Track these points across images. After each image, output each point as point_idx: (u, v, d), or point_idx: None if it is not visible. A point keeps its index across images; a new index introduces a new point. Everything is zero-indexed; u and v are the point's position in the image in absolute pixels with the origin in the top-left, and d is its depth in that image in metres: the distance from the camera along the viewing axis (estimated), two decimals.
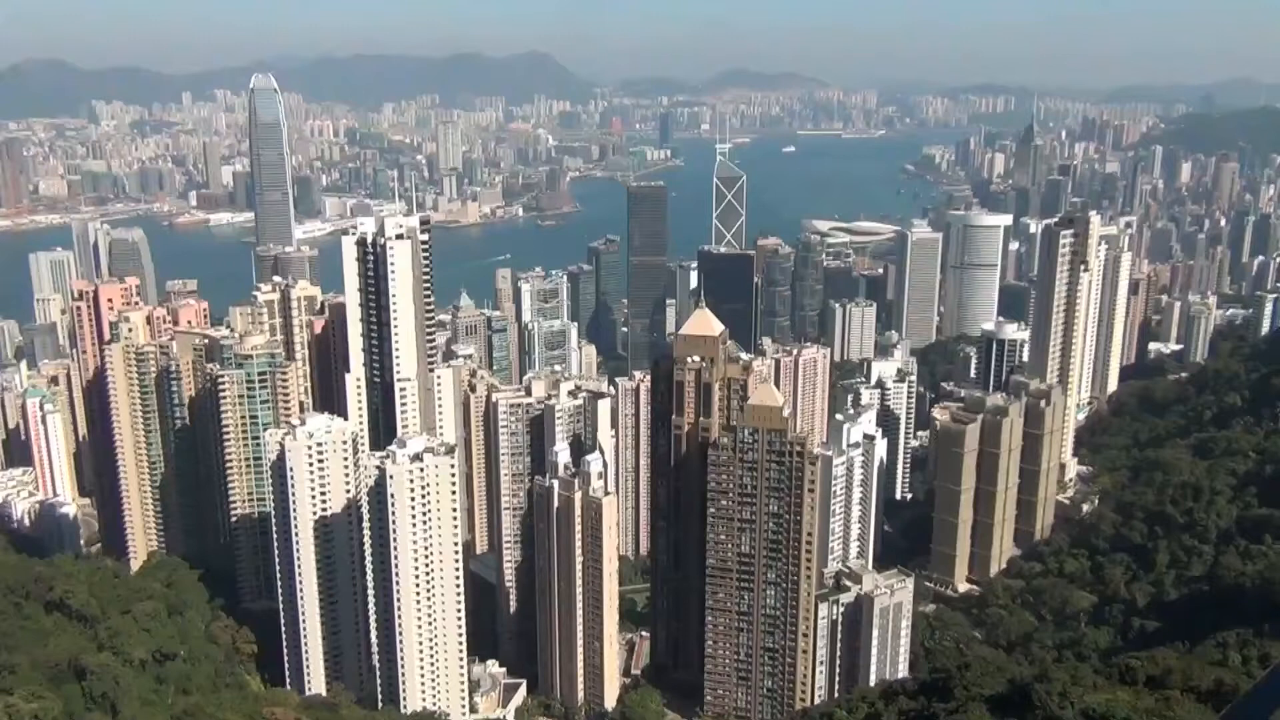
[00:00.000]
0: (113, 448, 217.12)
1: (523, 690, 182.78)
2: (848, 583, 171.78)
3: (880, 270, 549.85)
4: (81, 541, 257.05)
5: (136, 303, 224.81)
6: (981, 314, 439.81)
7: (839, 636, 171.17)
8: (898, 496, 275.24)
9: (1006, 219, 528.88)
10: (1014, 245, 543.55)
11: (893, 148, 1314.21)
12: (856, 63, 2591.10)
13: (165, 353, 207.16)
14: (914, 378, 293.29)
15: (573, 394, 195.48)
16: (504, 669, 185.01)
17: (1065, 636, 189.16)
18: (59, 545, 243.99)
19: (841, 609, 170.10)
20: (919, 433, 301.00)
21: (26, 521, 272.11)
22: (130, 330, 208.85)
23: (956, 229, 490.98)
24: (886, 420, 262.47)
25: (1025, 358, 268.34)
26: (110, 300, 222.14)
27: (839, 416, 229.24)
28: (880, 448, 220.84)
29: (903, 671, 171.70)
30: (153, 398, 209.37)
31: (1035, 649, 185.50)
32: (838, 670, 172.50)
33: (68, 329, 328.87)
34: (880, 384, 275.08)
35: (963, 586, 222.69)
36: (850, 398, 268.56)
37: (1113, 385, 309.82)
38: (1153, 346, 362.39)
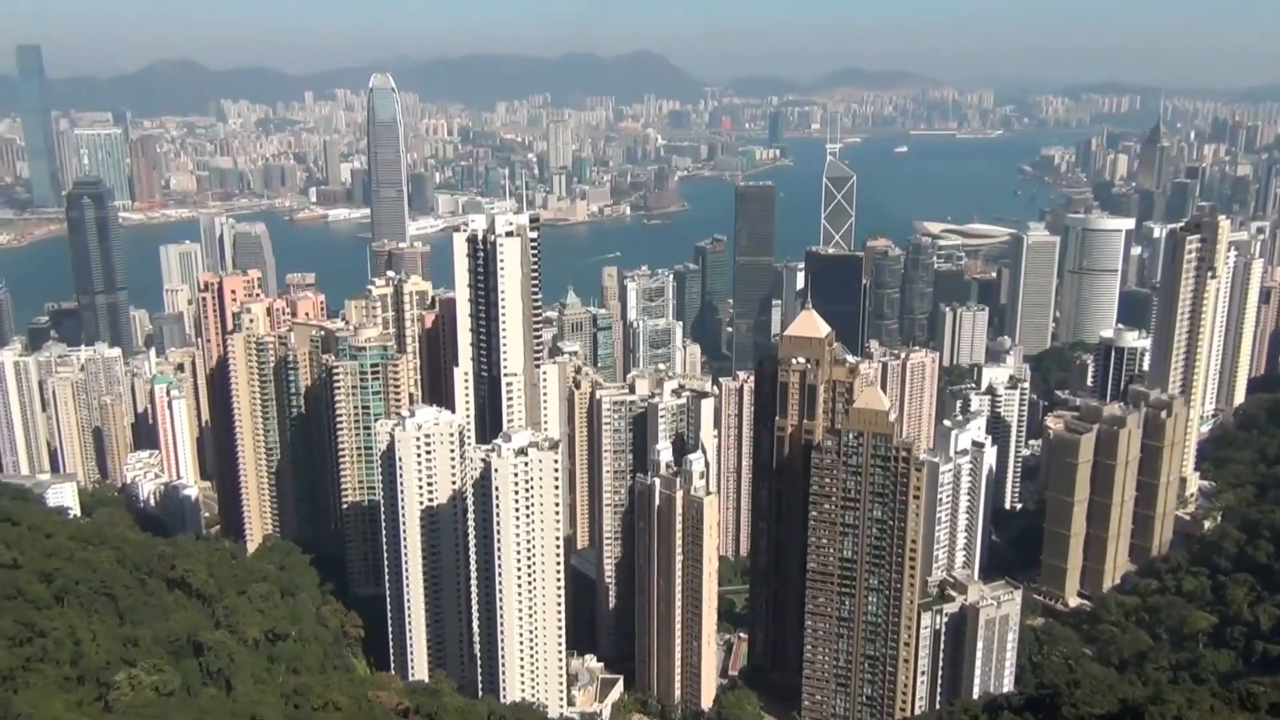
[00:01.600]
0: (233, 434, 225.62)
1: (620, 686, 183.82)
2: (952, 592, 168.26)
3: (993, 274, 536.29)
4: (202, 523, 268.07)
5: (258, 294, 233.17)
6: (1100, 321, 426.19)
7: (942, 647, 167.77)
8: (1007, 506, 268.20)
9: (1129, 223, 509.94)
10: (1136, 250, 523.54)
11: (1009, 148, 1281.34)
12: (972, 61, 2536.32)
13: (284, 343, 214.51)
14: (1027, 385, 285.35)
15: (676, 393, 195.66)
16: (602, 664, 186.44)
17: (1182, 657, 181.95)
18: (181, 525, 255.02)
19: (945, 619, 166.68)
20: (1031, 442, 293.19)
21: (152, 502, 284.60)
22: (251, 321, 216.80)
23: (1075, 232, 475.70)
24: (997, 428, 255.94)
25: (1146, 367, 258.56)
26: (234, 292, 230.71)
27: (947, 423, 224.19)
28: (990, 456, 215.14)
29: (1008, 685, 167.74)
30: (271, 386, 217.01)
31: (1149, 669, 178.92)
32: (940, 681, 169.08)
33: (194, 318, 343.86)
34: (991, 390, 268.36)
35: (1073, 601, 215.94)
36: (959, 404, 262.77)
37: (1240, 397, 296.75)
38: None
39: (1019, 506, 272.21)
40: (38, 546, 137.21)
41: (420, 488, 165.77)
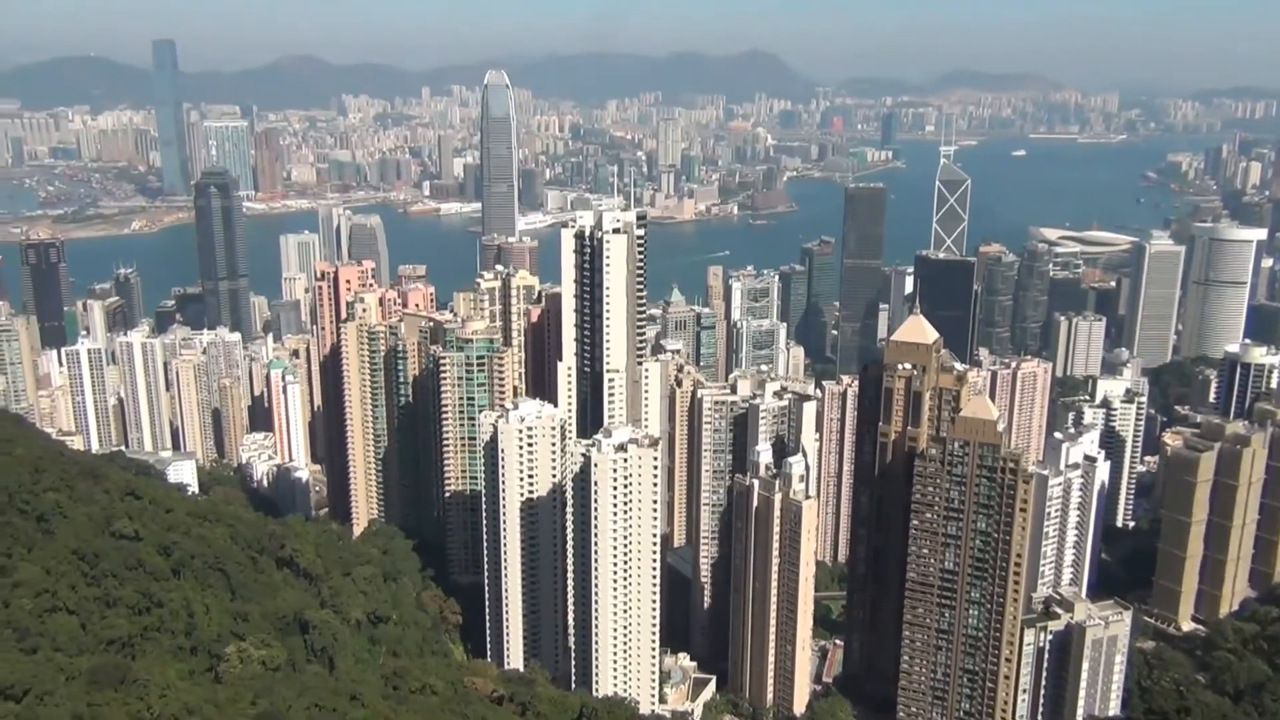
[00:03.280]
0: (343, 419, 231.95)
1: (712, 686, 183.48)
2: (1058, 610, 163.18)
3: (1112, 283, 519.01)
4: (311, 504, 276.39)
5: (371, 285, 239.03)
6: (1225, 335, 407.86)
7: (1045, 665, 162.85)
8: (1119, 524, 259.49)
9: (1260, 233, 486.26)
10: (1267, 262, 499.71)
11: (1134, 154, 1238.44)
12: (1097, 62, 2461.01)
13: (394, 333, 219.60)
14: (1144, 399, 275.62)
15: (778, 394, 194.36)
16: (694, 663, 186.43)
17: None
18: (291, 506, 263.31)
19: (1050, 637, 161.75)
20: (1147, 458, 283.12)
21: (265, 483, 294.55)
22: (364, 310, 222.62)
23: (1202, 242, 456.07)
24: (1111, 442, 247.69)
25: (1274, 384, 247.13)
26: (348, 281, 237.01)
27: (1058, 435, 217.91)
28: (1102, 471, 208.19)
29: (1114, 709, 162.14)
30: (381, 375, 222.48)
31: (1267, 700, 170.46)
32: (1042, 700, 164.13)
33: (309, 306, 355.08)
34: (1106, 403, 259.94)
35: (1187, 625, 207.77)
36: (1072, 416, 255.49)
37: None
38: None
39: (1131, 525, 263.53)
40: (158, 521, 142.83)
41: (521, 479, 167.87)
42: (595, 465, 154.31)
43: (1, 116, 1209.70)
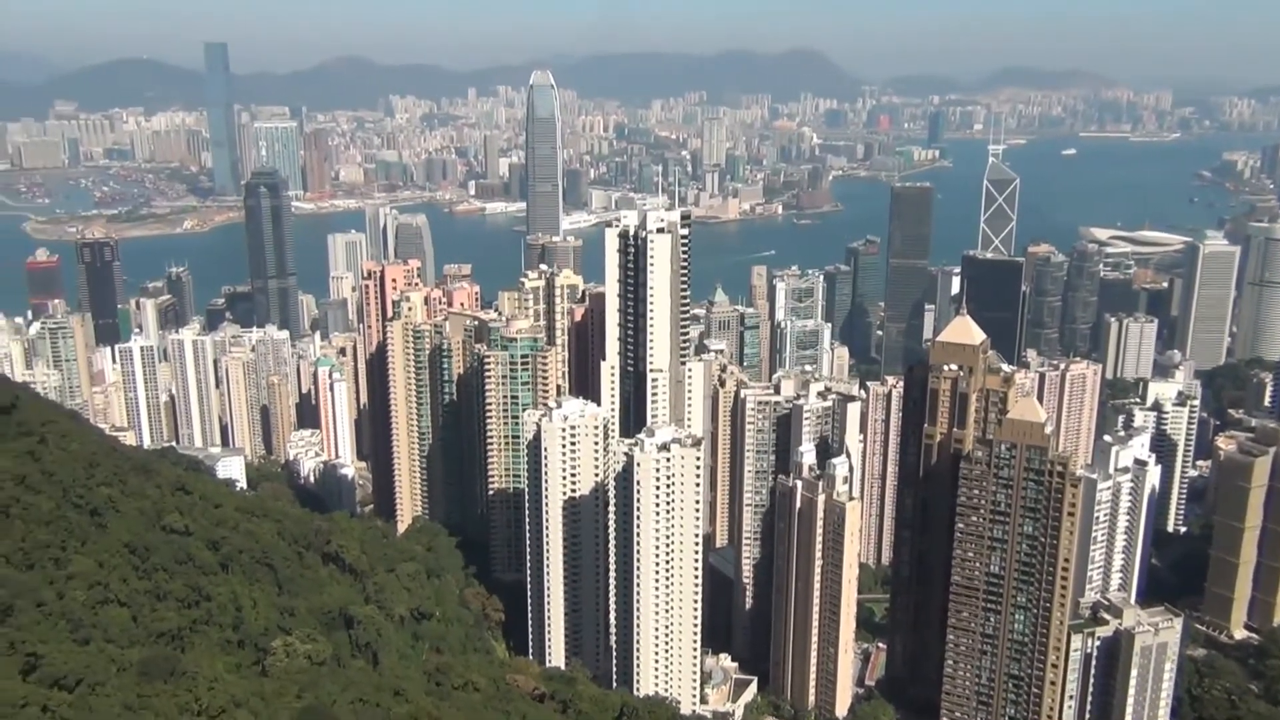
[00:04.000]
0: (388, 417, 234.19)
1: (753, 687, 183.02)
2: (1106, 615, 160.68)
3: (1164, 284, 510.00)
4: (357, 501, 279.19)
5: (417, 283, 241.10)
6: None
7: (1093, 672, 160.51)
8: (1169, 529, 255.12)
9: None
10: None
11: (1187, 152, 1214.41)
12: (1150, 60, 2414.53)
13: (439, 332, 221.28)
14: (1197, 402, 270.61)
15: (822, 395, 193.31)
16: (736, 664, 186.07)
17: None
18: (337, 503, 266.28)
19: (1097, 642, 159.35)
20: (1199, 462, 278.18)
21: (312, 479, 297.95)
22: (410, 309, 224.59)
23: (1258, 242, 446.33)
24: (1162, 446, 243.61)
25: None
26: (394, 280, 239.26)
27: (1107, 438, 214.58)
28: (1153, 475, 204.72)
29: (1163, 717, 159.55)
30: (426, 373, 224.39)
31: None
32: (1089, 706, 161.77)
33: (356, 305, 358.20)
34: (1157, 406, 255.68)
35: (1239, 633, 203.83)
36: (1121, 419, 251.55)
37: None
38: None
39: (1183, 530, 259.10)
40: (207, 515, 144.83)
41: (564, 478, 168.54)
42: (638, 465, 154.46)
43: (59, 118, 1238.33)
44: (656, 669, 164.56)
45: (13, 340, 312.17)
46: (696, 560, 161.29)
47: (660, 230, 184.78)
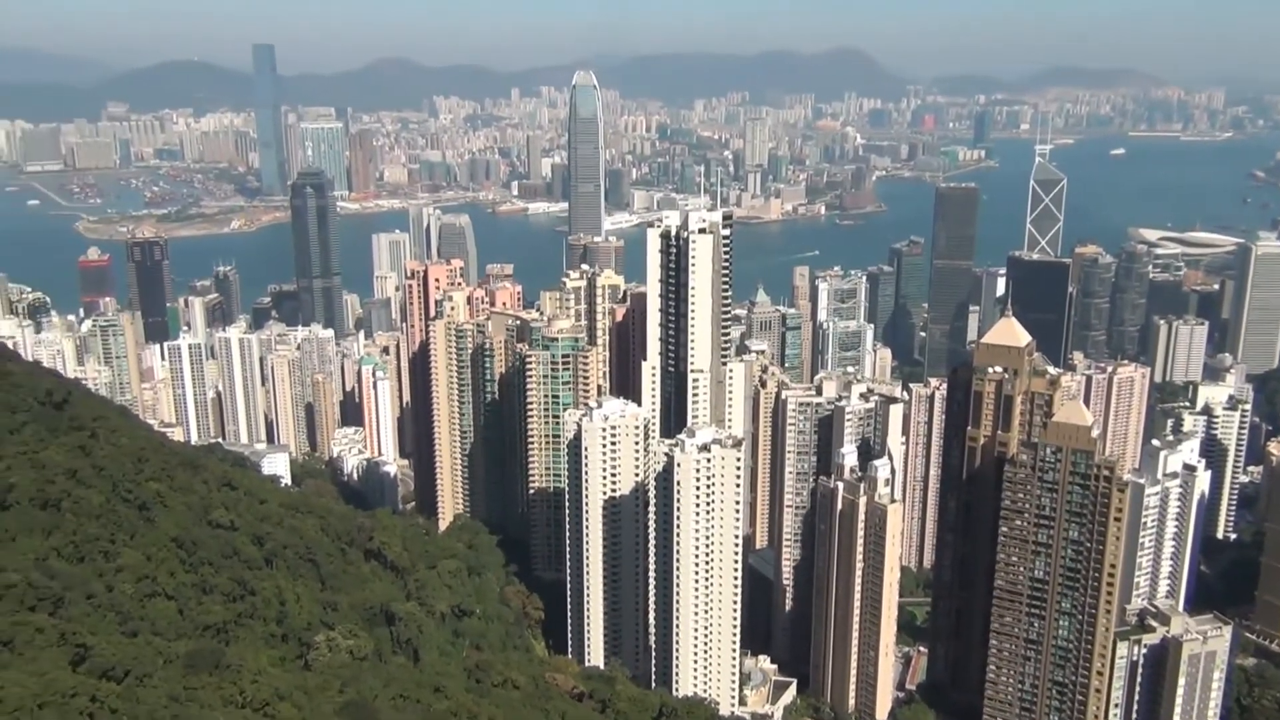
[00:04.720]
0: (430, 415, 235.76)
1: (793, 689, 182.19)
2: (1153, 623, 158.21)
3: (1215, 286, 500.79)
4: (399, 498, 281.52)
5: (459, 283, 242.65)
6: None
7: (1139, 680, 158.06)
8: (1219, 536, 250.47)
9: None
10: None
11: (1240, 152, 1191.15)
12: (1202, 58, 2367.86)
13: (481, 331, 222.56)
14: (1248, 406, 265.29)
15: (864, 396, 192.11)
16: (775, 666, 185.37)
17: None
18: (380, 500, 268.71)
19: (1144, 650, 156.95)
20: (1250, 468, 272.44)
21: (355, 476, 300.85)
22: (453, 308, 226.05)
23: None
24: (1212, 451, 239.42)
25: None
26: (437, 280, 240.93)
27: (1156, 442, 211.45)
28: (1203, 480, 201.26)
29: None
30: (468, 372, 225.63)
31: None
32: (1135, 715, 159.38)
33: (400, 304, 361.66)
34: (1208, 411, 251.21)
35: None
36: (1170, 423, 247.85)
37: None
38: None
39: (1233, 537, 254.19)
40: (252, 511, 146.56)
41: (604, 478, 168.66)
42: (678, 465, 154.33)
43: (111, 119, 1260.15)
44: (695, 669, 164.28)
45: (65, 337, 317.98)
46: (736, 561, 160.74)
47: (702, 230, 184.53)
